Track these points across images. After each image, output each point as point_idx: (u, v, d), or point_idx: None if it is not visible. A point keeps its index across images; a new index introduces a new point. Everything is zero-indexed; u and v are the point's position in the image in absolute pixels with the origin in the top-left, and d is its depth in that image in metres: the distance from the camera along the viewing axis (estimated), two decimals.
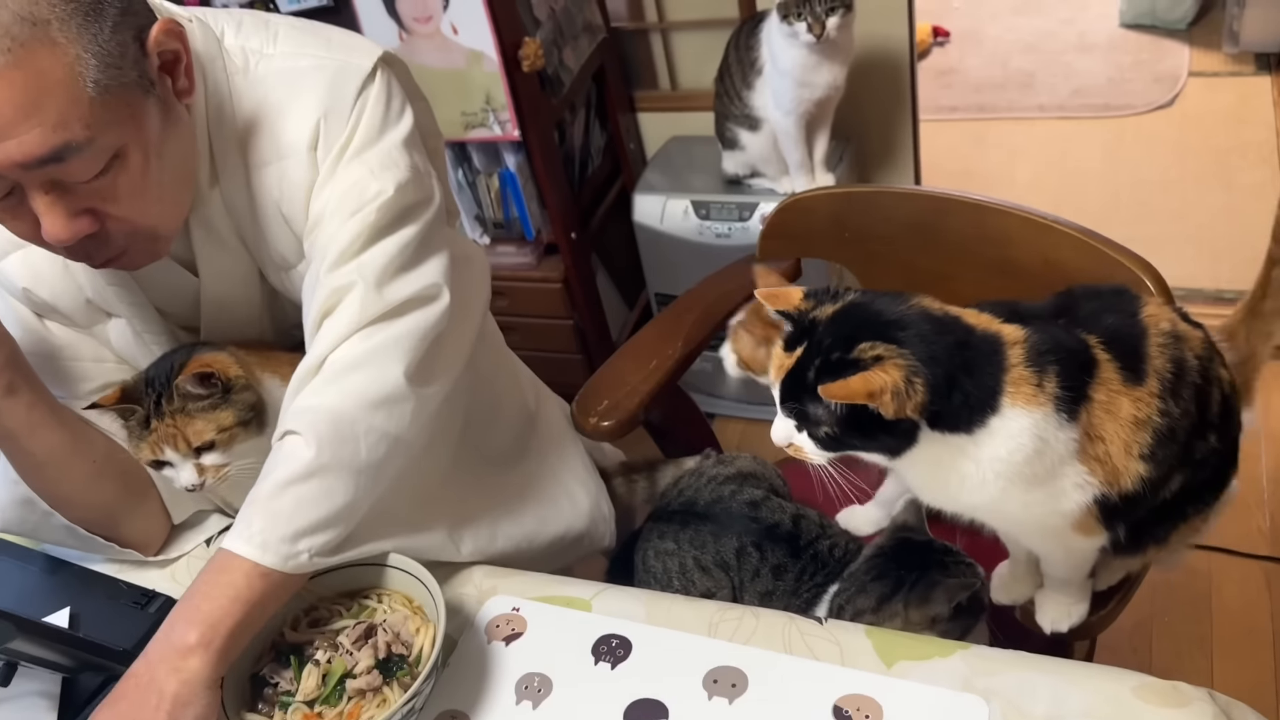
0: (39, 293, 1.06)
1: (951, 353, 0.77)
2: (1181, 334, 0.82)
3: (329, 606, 0.97)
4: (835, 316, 0.81)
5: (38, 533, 1.10)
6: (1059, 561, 0.95)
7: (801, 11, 1.78)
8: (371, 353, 0.95)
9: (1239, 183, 2.72)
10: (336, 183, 0.98)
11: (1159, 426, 0.79)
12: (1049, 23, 3.60)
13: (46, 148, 0.79)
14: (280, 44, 1.02)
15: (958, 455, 0.80)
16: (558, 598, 1.02)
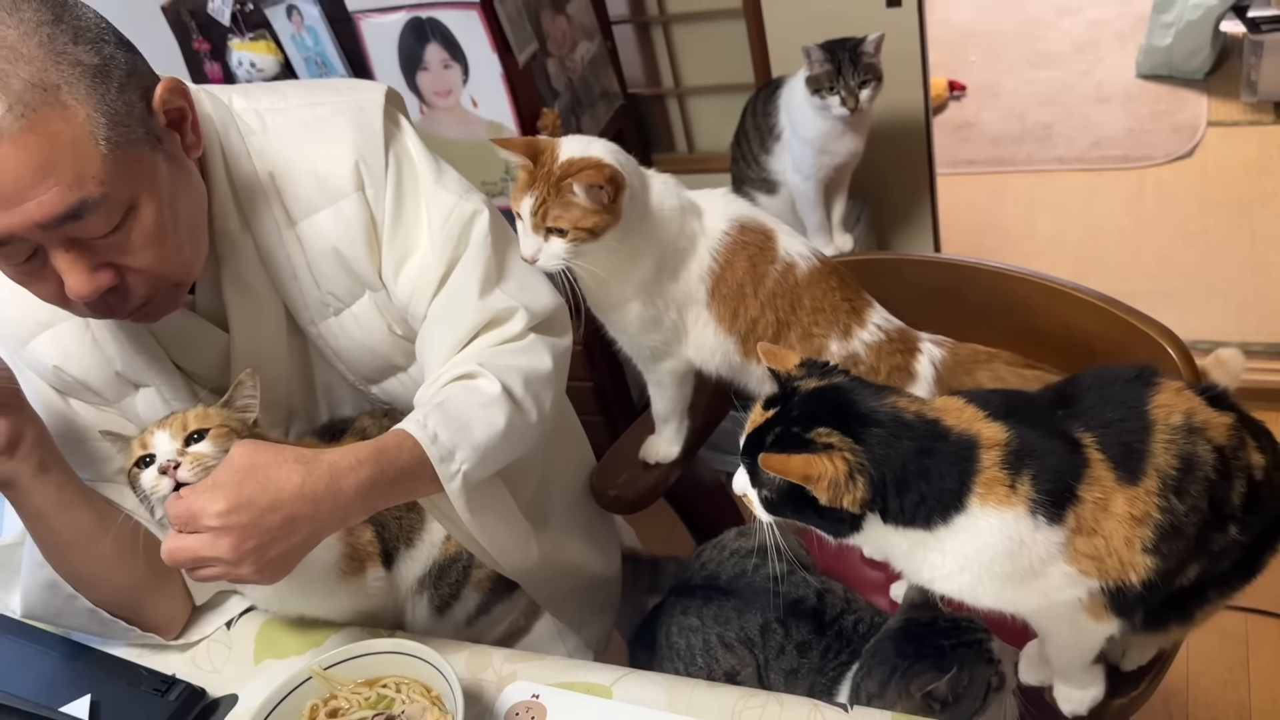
0: (69, 370, 1.08)
1: (909, 457, 0.77)
2: (1198, 426, 0.80)
3: (348, 696, 0.96)
4: (813, 393, 0.82)
5: (61, 617, 1.11)
6: (1066, 644, 0.93)
7: (835, 86, 1.80)
8: (540, 347, 1.09)
9: (1262, 233, 2.70)
10: (425, 215, 1.09)
11: (1160, 523, 0.77)
12: (1066, 75, 3.62)
13: (64, 206, 0.83)
14: (291, 99, 1.09)
15: (919, 546, 0.80)
16: (578, 684, 1.01)
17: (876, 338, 1.17)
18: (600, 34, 2.18)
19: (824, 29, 1.96)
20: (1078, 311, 1.27)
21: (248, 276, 1.07)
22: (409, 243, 1.09)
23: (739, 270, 1.14)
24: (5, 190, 0.81)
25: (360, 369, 1.16)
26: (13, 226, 0.83)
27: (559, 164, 1.06)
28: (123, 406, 1.13)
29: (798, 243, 1.19)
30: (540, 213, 1.05)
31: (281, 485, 0.87)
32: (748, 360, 1.20)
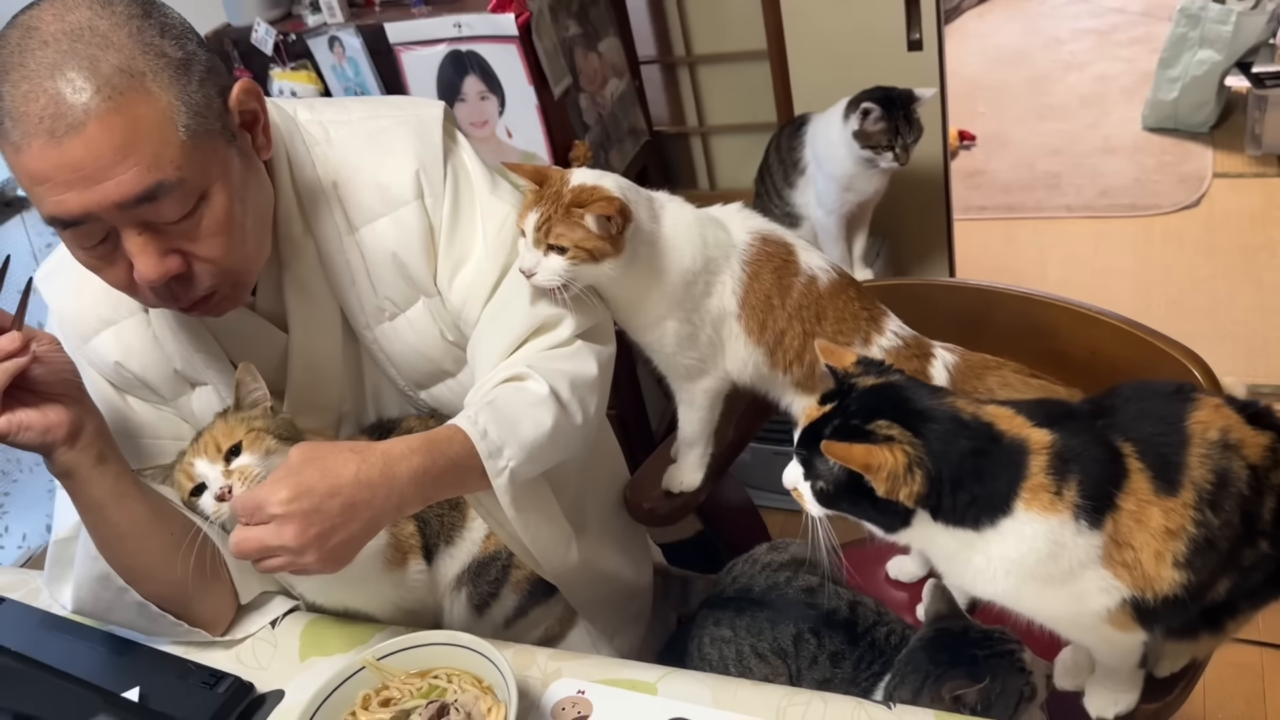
0: (129, 366, 1.11)
1: (965, 456, 0.80)
2: (1234, 442, 0.82)
3: (399, 686, 0.98)
4: (872, 389, 0.85)
5: (110, 612, 1.13)
6: (1102, 653, 0.96)
7: (892, 143, 1.86)
8: (587, 353, 1.12)
9: (1269, 280, 2.75)
10: (480, 224, 1.13)
11: (1194, 536, 0.80)
12: (1073, 127, 3.70)
13: (142, 186, 0.87)
14: (354, 112, 1.14)
15: (966, 547, 0.82)
16: (622, 681, 1.03)
17: (894, 344, 1.21)
18: (629, 73, 2.24)
19: (846, 71, 2.03)
20: (1103, 335, 1.31)
21: (308, 280, 1.11)
22: (464, 250, 1.13)
23: (766, 282, 1.18)
24: (89, 168, 0.85)
25: (411, 374, 1.20)
26: (92, 205, 0.87)
27: (569, 188, 1.11)
28: (179, 404, 1.16)
29: (816, 256, 1.23)
30: (544, 229, 1.09)
31: (339, 472, 0.90)
32: (775, 371, 1.23)
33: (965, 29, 4.60)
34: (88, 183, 0.86)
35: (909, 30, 2.05)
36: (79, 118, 0.84)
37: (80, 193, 0.86)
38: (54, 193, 0.87)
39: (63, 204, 0.87)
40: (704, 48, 2.34)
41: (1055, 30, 4.45)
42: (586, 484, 1.28)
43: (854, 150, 1.90)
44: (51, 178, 0.86)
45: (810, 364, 1.21)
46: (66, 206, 0.87)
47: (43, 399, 0.98)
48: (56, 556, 1.17)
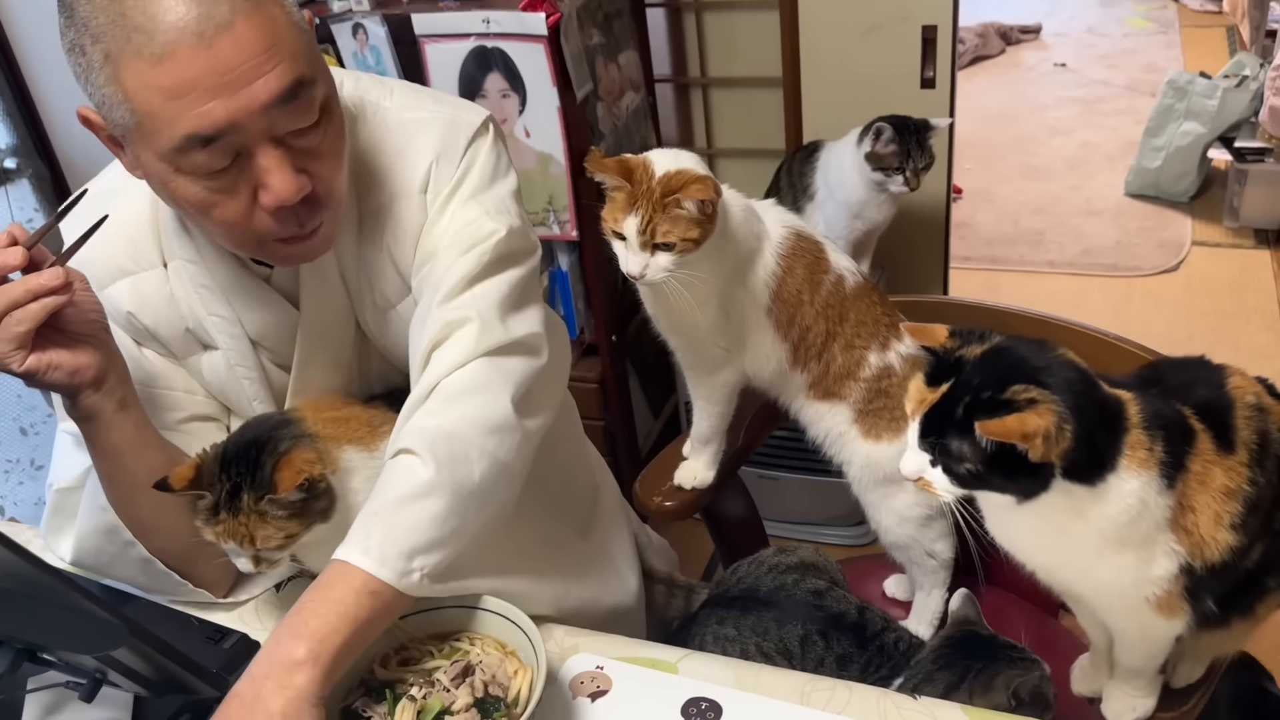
0: (142, 318, 1.09)
1: (1091, 406, 0.80)
2: (1266, 406, 0.86)
3: (419, 647, 0.96)
4: (984, 356, 0.83)
5: (112, 566, 1.10)
6: (1134, 645, 0.96)
7: (903, 166, 1.89)
8: (484, 381, 0.98)
9: (1245, 344, 2.82)
10: (450, 221, 1.05)
11: (1248, 495, 0.82)
12: (1057, 188, 3.79)
13: (287, 82, 0.86)
14: (396, 98, 1.10)
15: (1069, 511, 0.82)
16: (642, 659, 1.02)
17: (911, 350, 1.23)
18: (645, 88, 2.27)
19: (859, 103, 2.06)
20: (1116, 360, 1.33)
21: (324, 262, 1.07)
22: (435, 245, 1.06)
23: (799, 276, 1.19)
24: (239, 68, 0.84)
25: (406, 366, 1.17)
26: (238, 111, 0.85)
27: (657, 180, 1.09)
28: (188, 364, 1.13)
29: (844, 257, 1.25)
30: (649, 230, 1.08)
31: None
32: (794, 370, 1.24)
33: None
34: (235, 85, 0.84)
35: (924, 68, 2.10)
36: (226, 16, 0.83)
37: (228, 99, 0.84)
38: (199, 103, 0.84)
39: (208, 114, 0.84)
40: (719, 71, 2.37)
41: (1040, 96, 4.58)
42: (561, 500, 1.26)
43: (866, 174, 1.93)
44: (199, 84, 0.83)
45: (826, 363, 1.22)
46: (212, 117, 0.84)
47: (72, 339, 0.95)
48: (57, 506, 1.14)
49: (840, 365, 1.23)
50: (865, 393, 1.24)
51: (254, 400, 1.14)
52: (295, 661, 0.82)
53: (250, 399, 1.14)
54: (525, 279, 1.07)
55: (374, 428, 1.10)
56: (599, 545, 1.32)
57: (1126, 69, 4.73)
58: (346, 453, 1.06)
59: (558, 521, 1.25)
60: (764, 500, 2.30)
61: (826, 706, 0.94)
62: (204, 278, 1.07)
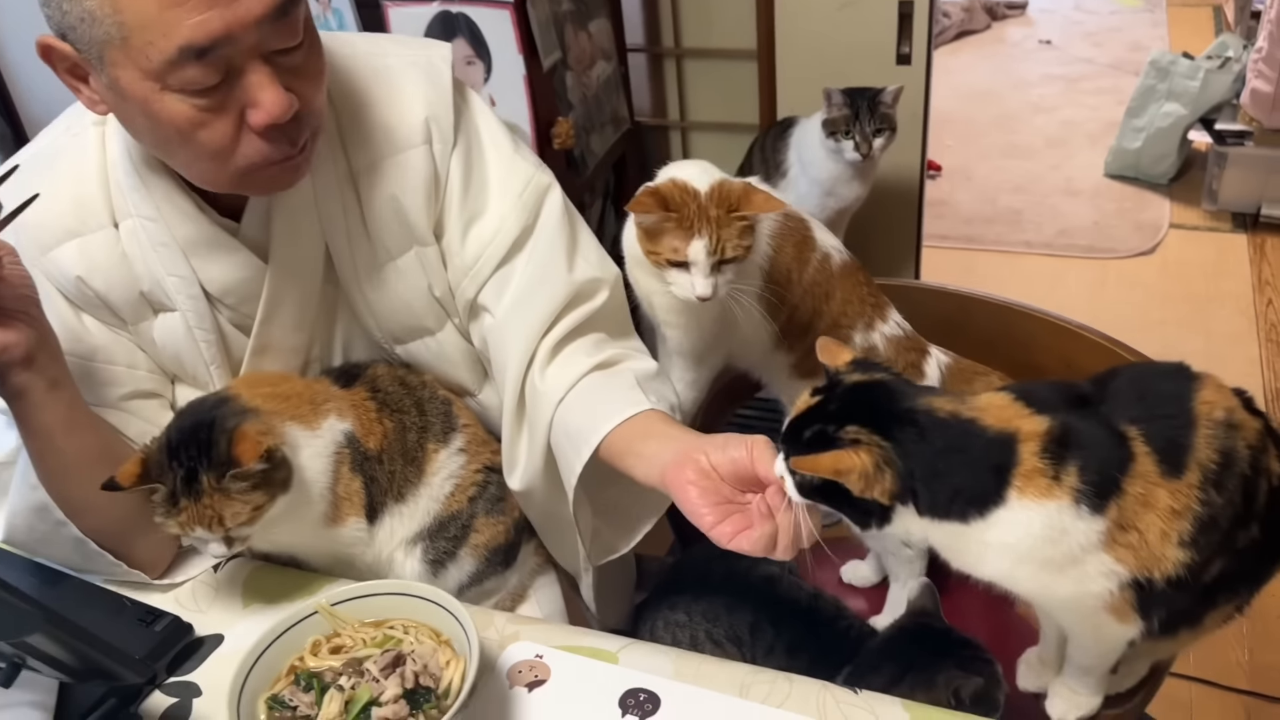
0: (92, 282, 1.05)
1: (939, 453, 0.79)
2: (1237, 423, 0.83)
3: (351, 635, 0.94)
4: (855, 387, 0.84)
5: (44, 545, 1.07)
6: (1088, 644, 0.95)
7: (850, 130, 1.86)
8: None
9: (1217, 331, 2.82)
10: (499, 180, 1.10)
11: (1200, 515, 0.80)
12: (1037, 167, 3.76)
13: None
14: (359, 46, 1.10)
15: (958, 537, 0.82)
16: (583, 648, 1.00)
17: (896, 333, 1.21)
18: (616, 58, 2.22)
19: (834, 78, 2.03)
20: (1079, 348, 1.32)
21: (298, 213, 1.06)
22: (480, 203, 1.10)
23: (788, 256, 1.17)
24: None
25: (390, 326, 1.15)
26: (234, 23, 0.84)
27: (705, 198, 1.08)
28: (139, 330, 1.10)
29: (829, 235, 1.22)
30: (719, 250, 1.07)
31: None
32: (778, 350, 1.22)
33: (939, 64, 4.60)
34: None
35: (899, 43, 2.07)
36: None
37: (224, 9, 0.83)
38: (195, 12, 0.82)
39: (204, 25, 0.82)
40: (693, 41, 2.33)
41: (1024, 73, 4.54)
42: None
43: (828, 145, 1.90)
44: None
45: (810, 343, 1.20)
46: (209, 28, 0.83)
47: (0, 316, 0.92)
48: None
49: None
50: None
51: (210, 364, 1.12)
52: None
53: (207, 363, 1.12)
54: None
55: (316, 405, 1.07)
56: None
57: (1111, 47, 4.69)
58: (290, 429, 1.03)
59: None
60: None
61: (766, 699, 0.93)
62: (163, 235, 1.04)
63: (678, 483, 0.91)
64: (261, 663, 0.90)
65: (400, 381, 1.15)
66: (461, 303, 1.14)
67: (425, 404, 1.15)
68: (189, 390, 1.13)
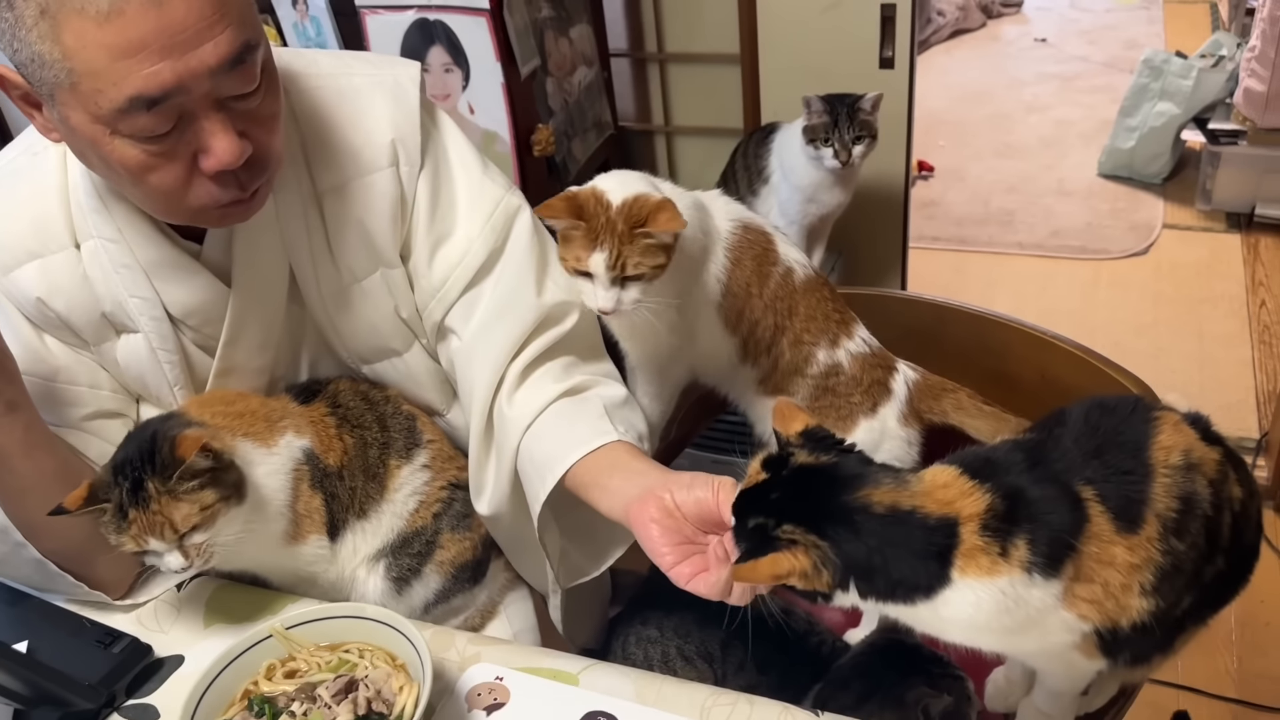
0: (53, 304, 1.04)
1: (874, 550, 0.78)
2: (1195, 462, 0.80)
3: (306, 659, 0.93)
4: (798, 473, 0.82)
5: (4, 566, 1.06)
6: (1058, 674, 0.94)
7: (830, 138, 1.85)
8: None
9: (1211, 332, 2.80)
10: (467, 202, 1.09)
11: (1161, 564, 0.78)
12: (1030, 167, 3.74)
13: (236, 46, 0.84)
14: (323, 65, 1.08)
15: (911, 614, 0.81)
16: (543, 669, 0.98)
17: (861, 350, 1.19)
18: (599, 63, 2.21)
19: (818, 83, 2.01)
20: (1055, 359, 1.30)
21: (260, 237, 1.04)
22: (447, 225, 1.09)
23: (747, 269, 1.15)
24: (190, 29, 0.81)
25: (357, 347, 1.14)
26: (186, 73, 0.82)
27: (615, 211, 1.05)
28: (101, 350, 1.09)
29: (793, 249, 1.21)
30: (619, 265, 1.05)
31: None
32: (743, 365, 1.20)
33: (931, 63, 4.65)
34: (185, 47, 0.81)
35: (882, 47, 2.05)
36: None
37: (176, 60, 0.81)
38: (147, 63, 0.80)
39: (156, 76, 0.81)
40: (676, 46, 2.32)
41: (1019, 72, 4.53)
42: None
43: (807, 152, 1.89)
44: (148, 44, 0.80)
45: (775, 359, 1.19)
46: (160, 79, 0.81)
47: None
48: None
49: (788, 361, 1.19)
50: (812, 389, 1.20)
51: (175, 385, 1.11)
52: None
53: (171, 384, 1.10)
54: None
55: (272, 422, 1.06)
56: None
57: (1107, 45, 4.67)
58: (242, 444, 1.02)
59: None
60: None
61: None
62: (125, 257, 1.02)
63: (640, 519, 0.90)
64: (215, 687, 0.89)
65: (363, 396, 1.14)
66: (429, 325, 1.13)
67: (388, 419, 1.14)
68: (153, 410, 1.12)
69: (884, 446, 1.18)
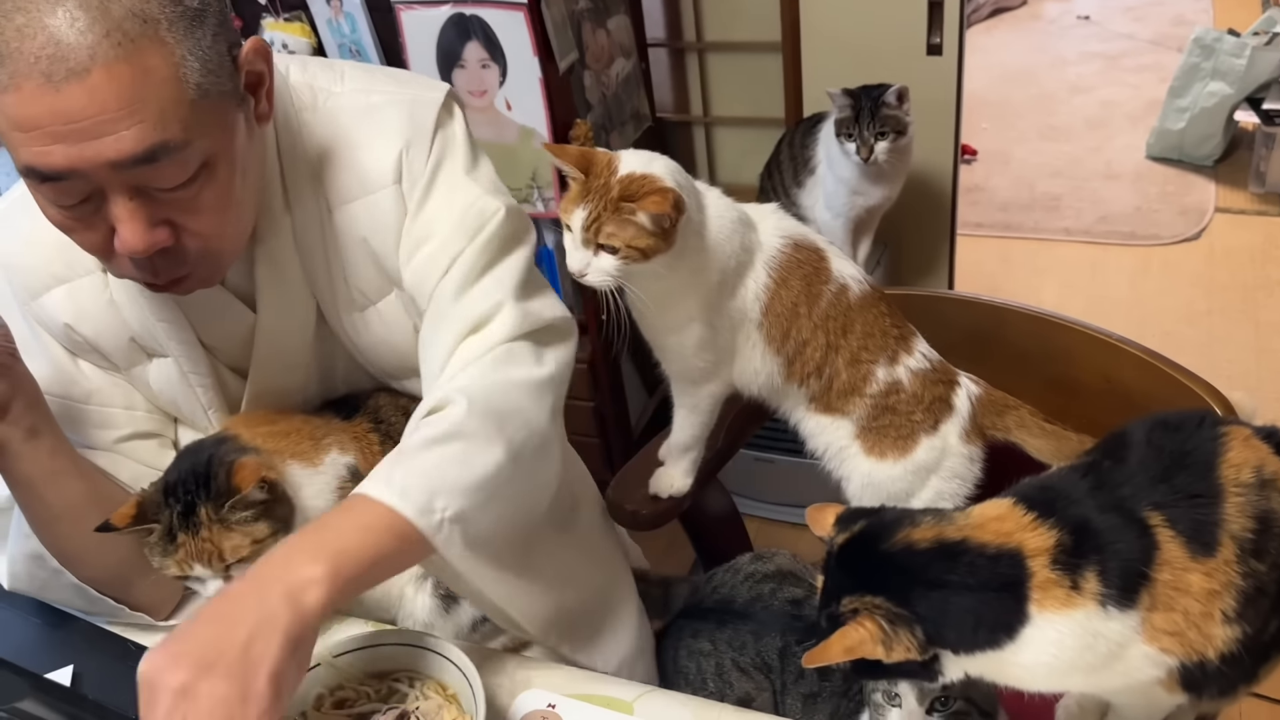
0: (81, 329, 1.02)
1: (939, 585, 0.74)
2: (1269, 477, 0.76)
3: (356, 688, 0.90)
4: (840, 551, 0.80)
5: (46, 591, 1.05)
6: (1137, 708, 0.90)
7: (852, 133, 1.80)
8: (523, 358, 0.97)
9: (1267, 320, 2.72)
10: (444, 204, 1.01)
11: (1243, 588, 0.74)
12: (1076, 150, 3.66)
13: (143, 146, 0.77)
14: (349, 82, 1.04)
15: (996, 665, 0.77)
16: (597, 697, 0.96)
17: (922, 366, 1.15)
18: (636, 54, 2.17)
19: (862, 70, 1.95)
20: (1120, 364, 1.25)
21: (281, 259, 1.01)
22: (429, 229, 1.01)
23: (794, 289, 1.11)
24: (87, 121, 0.75)
25: (383, 366, 1.11)
26: (81, 162, 0.77)
27: (617, 179, 1.02)
28: (133, 374, 1.07)
29: (849, 265, 1.16)
30: (593, 228, 1.01)
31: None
32: (789, 383, 1.16)
33: (973, 43, 4.52)
34: (81, 136, 0.76)
35: (930, 34, 1.99)
36: (83, 62, 0.74)
37: (70, 146, 0.76)
38: (38, 142, 0.76)
39: (47, 156, 0.77)
40: (715, 35, 2.27)
41: (1063, 51, 4.42)
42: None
43: (841, 146, 1.84)
44: (40, 126, 0.75)
45: (829, 378, 1.14)
46: (51, 160, 0.77)
47: None
48: None
49: (845, 380, 1.15)
50: (870, 409, 1.16)
51: (209, 409, 1.09)
52: (310, 578, 0.76)
53: (205, 408, 1.09)
54: (532, 258, 1.04)
55: (317, 440, 1.04)
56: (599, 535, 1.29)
57: (1153, 22, 4.55)
58: (290, 467, 1.01)
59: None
60: (760, 483, 2.26)
61: None
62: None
63: None
64: None
65: (403, 411, 1.11)
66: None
67: None
68: (189, 432, 1.10)
69: (945, 464, 1.14)
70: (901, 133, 1.83)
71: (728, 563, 1.34)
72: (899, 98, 1.81)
